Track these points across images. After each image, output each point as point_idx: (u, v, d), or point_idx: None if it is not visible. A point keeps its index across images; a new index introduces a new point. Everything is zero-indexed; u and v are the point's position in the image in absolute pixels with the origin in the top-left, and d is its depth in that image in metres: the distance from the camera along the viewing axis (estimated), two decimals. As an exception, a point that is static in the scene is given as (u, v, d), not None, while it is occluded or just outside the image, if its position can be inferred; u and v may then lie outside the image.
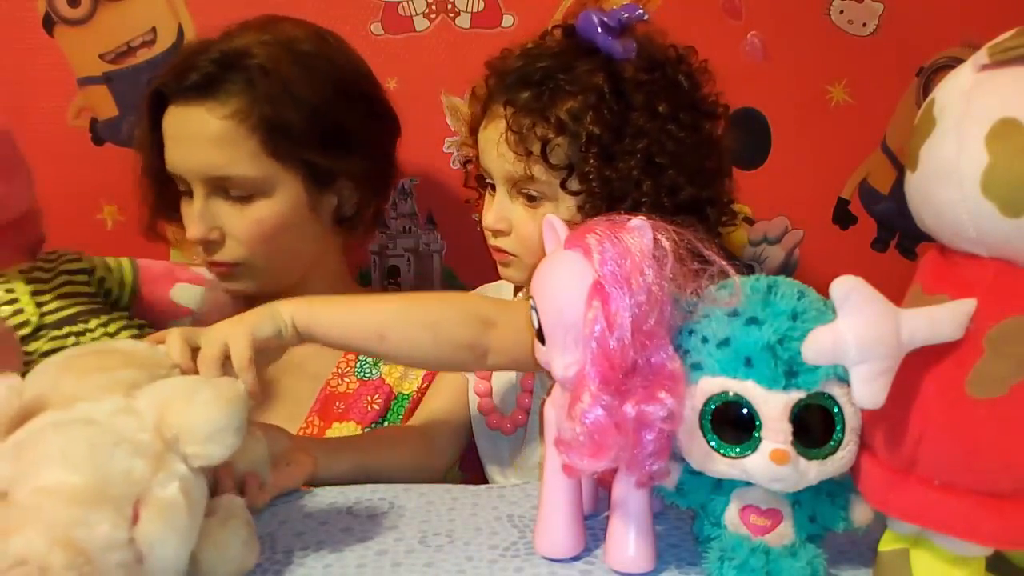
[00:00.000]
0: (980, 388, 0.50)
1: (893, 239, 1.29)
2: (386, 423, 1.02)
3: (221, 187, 0.95)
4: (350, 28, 1.19)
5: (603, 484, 0.68)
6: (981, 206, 0.49)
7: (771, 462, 0.55)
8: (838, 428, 0.56)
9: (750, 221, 1.27)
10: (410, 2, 1.20)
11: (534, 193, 0.90)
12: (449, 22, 1.21)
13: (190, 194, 0.96)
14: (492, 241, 0.95)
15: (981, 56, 0.51)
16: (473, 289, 1.11)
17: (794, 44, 1.23)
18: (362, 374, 1.04)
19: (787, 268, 1.29)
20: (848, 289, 0.50)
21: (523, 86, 0.89)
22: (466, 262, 1.27)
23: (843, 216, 1.29)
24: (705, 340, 0.59)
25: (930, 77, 1.24)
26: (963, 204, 0.50)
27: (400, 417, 1.02)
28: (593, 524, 0.70)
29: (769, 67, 1.23)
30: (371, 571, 0.65)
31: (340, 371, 1.04)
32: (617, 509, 0.64)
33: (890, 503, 0.55)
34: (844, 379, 0.55)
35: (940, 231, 0.54)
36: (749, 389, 0.56)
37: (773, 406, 0.56)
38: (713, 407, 0.57)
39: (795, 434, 0.56)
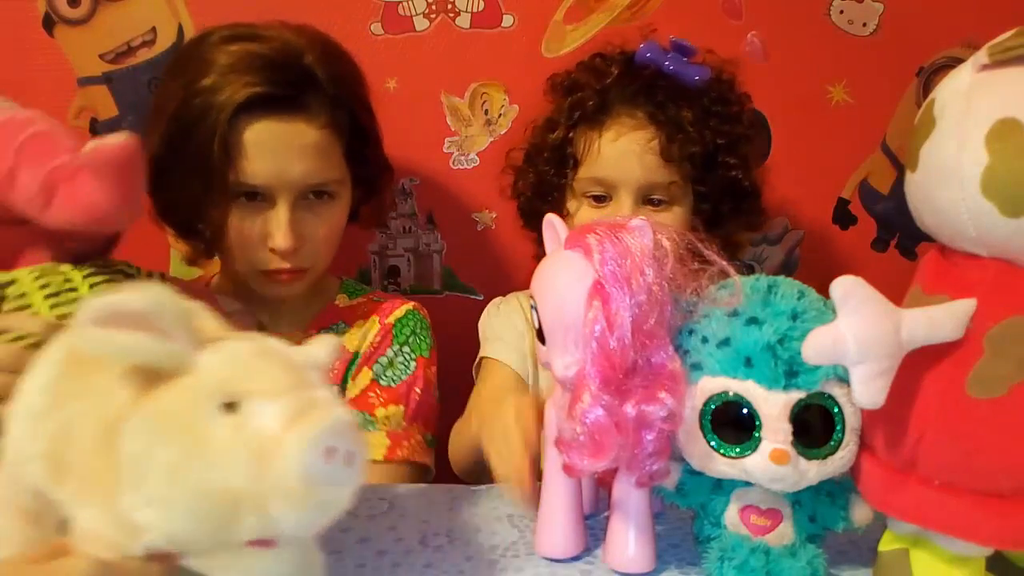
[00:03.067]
0: (980, 388, 0.50)
1: (893, 239, 1.29)
2: (345, 385, 1.03)
3: (307, 194, 0.96)
4: (350, 28, 1.19)
5: (603, 484, 0.68)
6: (981, 206, 0.49)
7: (771, 462, 0.55)
8: (838, 428, 0.56)
9: (750, 221, 1.27)
10: (410, 2, 1.20)
11: (662, 198, 0.99)
12: (449, 22, 1.21)
13: (261, 204, 0.95)
14: None
15: (981, 56, 0.51)
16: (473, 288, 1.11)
17: (794, 44, 1.23)
18: None
19: (787, 268, 1.29)
20: (848, 289, 0.50)
21: (647, 100, 0.99)
22: (466, 262, 1.27)
23: (843, 216, 1.29)
24: (705, 340, 0.59)
25: (930, 77, 1.24)
26: (963, 204, 0.50)
27: (351, 373, 1.04)
28: (593, 524, 0.70)
29: (769, 67, 1.23)
30: (371, 571, 0.65)
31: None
32: (617, 509, 0.64)
33: (890, 503, 0.55)
34: (844, 379, 0.55)
35: (940, 231, 0.54)
36: (749, 389, 0.56)
37: (773, 406, 0.56)
38: (713, 407, 0.58)
39: (795, 434, 0.56)
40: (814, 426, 0.56)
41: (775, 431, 0.55)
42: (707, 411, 0.58)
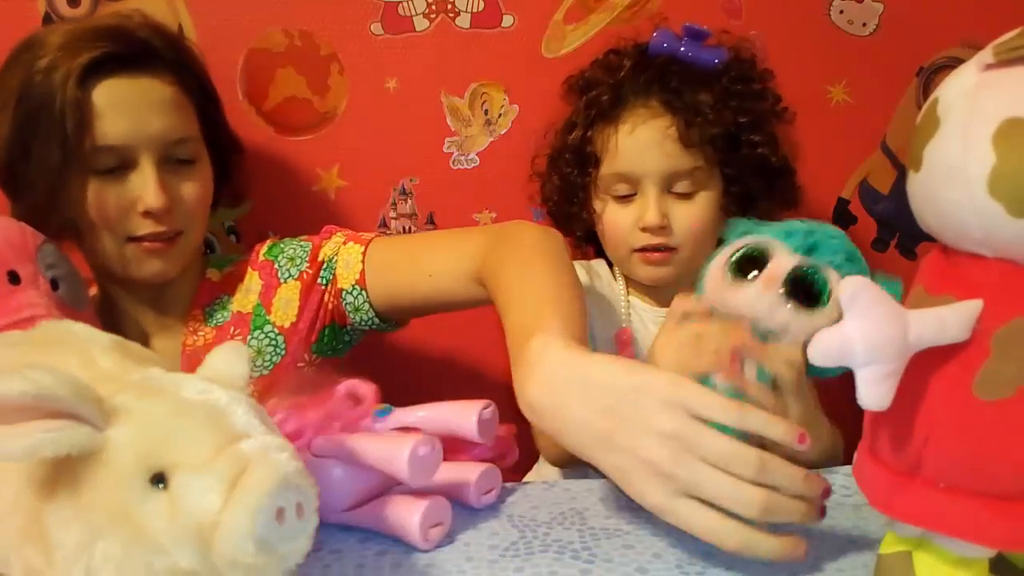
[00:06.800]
0: (987, 390, 0.49)
1: (893, 239, 1.29)
2: (254, 340, 1.03)
3: (169, 154, 0.96)
4: (350, 28, 1.19)
5: None
6: (988, 207, 0.49)
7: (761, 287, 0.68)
8: (823, 298, 0.68)
9: (750, 221, 1.27)
10: (410, 2, 1.20)
11: (687, 187, 0.99)
12: (449, 22, 1.20)
13: (124, 173, 0.94)
14: (651, 240, 0.99)
15: (986, 55, 0.51)
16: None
17: (794, 44, 1.23)
18: (213, 322, 1.05)
19: (787, 268, 1.29)
20: (855, 290, 0.50)
21: (661, 89, 0.99)
22: (465, 262, 1.27)
23: (843, 216, 1.29)
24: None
25: (930, 77, 1.24)
26: (969, 205, 0.50)
27: (264, 321, 1.04)
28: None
29: (769, 67, 1.22)
30: (371, 571, 0.65)
31: (192, 330, 1.05)
32: None
33: (894, 506, 0.54)
34: (844, 273, 0.69)
35: (943, 232, 0.54)
36: (772, 244, 0.70)
37: (783, 258, 0.69)
38: (740, 255, 0.71)
39: (790, 284, 0.67)
40: (806, 289, 0.68)
41: (775, 276, 0.68)
42: (734, 259, 0.71)
